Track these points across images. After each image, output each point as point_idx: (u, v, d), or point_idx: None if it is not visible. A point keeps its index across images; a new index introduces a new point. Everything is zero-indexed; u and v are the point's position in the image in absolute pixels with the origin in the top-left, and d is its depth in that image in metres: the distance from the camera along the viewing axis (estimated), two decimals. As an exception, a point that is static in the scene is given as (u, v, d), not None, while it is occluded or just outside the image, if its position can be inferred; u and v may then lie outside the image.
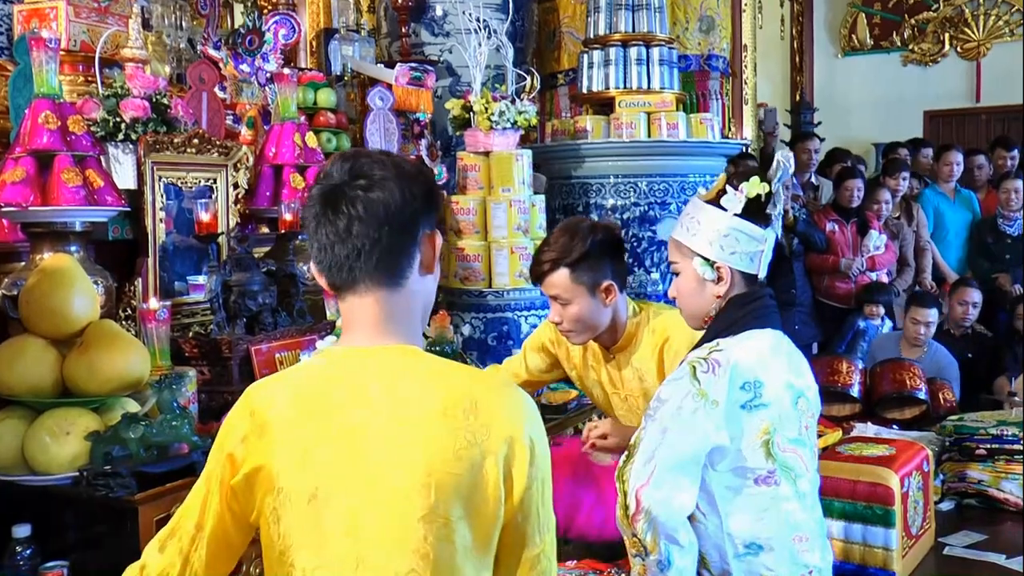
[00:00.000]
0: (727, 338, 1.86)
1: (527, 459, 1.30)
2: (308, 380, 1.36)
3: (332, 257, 1.33)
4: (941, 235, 5.88)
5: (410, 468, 1.26)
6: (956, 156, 6.01)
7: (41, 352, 2.38)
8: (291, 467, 1.29)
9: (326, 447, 1.29)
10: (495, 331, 3.84)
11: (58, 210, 2.65)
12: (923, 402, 3.91)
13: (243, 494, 1.34)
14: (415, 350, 1.36)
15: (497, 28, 4.13)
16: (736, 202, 1.90)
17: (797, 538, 1.86)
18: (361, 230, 1.30)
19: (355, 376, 1.32)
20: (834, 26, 9.51)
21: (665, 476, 1.78)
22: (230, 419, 1.38)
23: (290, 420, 1.31)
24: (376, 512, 1.27)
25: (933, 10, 9.05)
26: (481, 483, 1.28)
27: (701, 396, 1.80)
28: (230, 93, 3.81)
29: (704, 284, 1.94)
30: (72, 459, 2.28)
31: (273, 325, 3.03)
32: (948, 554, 2.69)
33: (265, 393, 1.36)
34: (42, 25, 3.05)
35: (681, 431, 1.80)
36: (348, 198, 1.31)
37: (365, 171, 1.32)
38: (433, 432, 1.27)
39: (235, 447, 1.34)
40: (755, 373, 1.83)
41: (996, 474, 3.02)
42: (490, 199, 3.88)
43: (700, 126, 4.54)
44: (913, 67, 9.18)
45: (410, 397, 1.30)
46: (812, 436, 1.94)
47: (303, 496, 1.28)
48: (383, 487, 1.27)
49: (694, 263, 1.94)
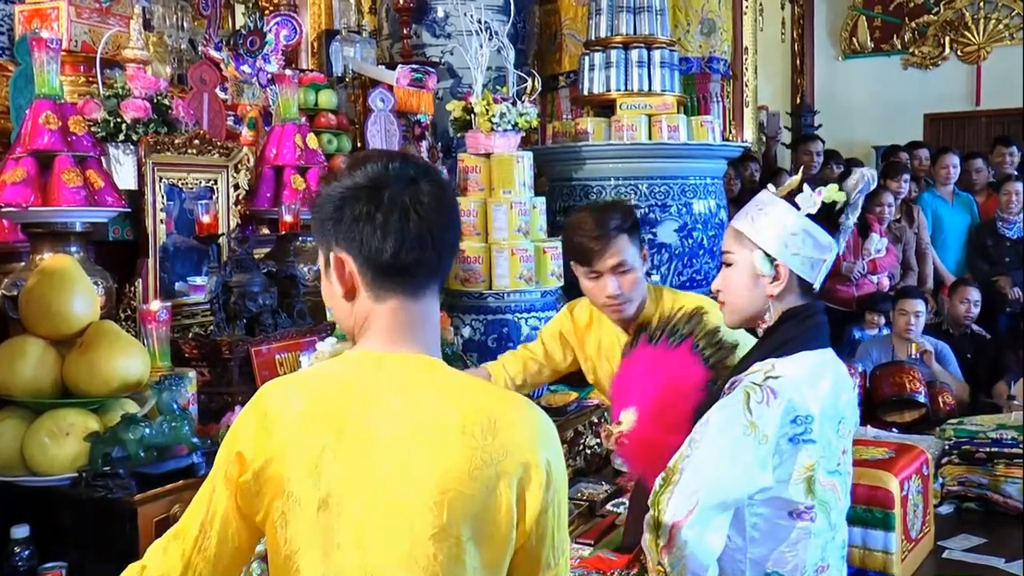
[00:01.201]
0: (782, 360, 1.77)
1: (542, 483, 1.27)
2: (325, 384, 1.32)
3: (405, 256, 1.28)
4: (940, 238, 5.88)
5: (423, 484, 1.23)
6: (953, 159, 6.02)
7: (41, 353, 2.37)
8: (303, 472, 1.26)
9: (339, 454, 1.25)
10: (495, 333, 3.83)
11: (58, 210, 2.65)
12: (923, 405, 3.91)
13: (252, 494, 1.30)
14: (436, 361, 1.33)
15: (498, 30, 4.13)
16: (811, 203, 1.81)
17: (820, 568, 1.81)
18: (435, 236, 1.29)
19: (373, 384, 1.29)
20: (835, 29, 9.52)
21: (704, 515, 1.70)
22: (242, 417, 1.34)
23: (304, 423, 1.28)
24: (386, 526, 1.24)
25: (933, 13, 9.05)
26: (494, 505, 1.25)
27: (752, 429, 1.71)
28: (231, 94, 3.81)
29: (758, 280, 1.84)
30: (71, 460, 2.27)
31: (273, 326, 3.03)
32: (947, 557, 2.70)
33: (280, 393, 1.32)
34: (43, 25, 3.05)
35: (726, 468, 1.71)
36: (420, 204, 1.27)
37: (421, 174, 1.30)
38: (449, 449, 1.24)
39: (246, 445, 1.30)
40: (807, 406, 1.74)
41: (995, 478, 3.02)
42: (491, 201, 3.88)
43: (701, 128, 4.54)
44: (913, 70, 9.19)
45: (428, 410, 1.26)
46: (848, 460, 1.88)
47: (313, 502, 1.25)
48: (394, 501, 1.24)
49: (753, 256, 1.83)
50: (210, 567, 1.34)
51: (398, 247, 1.27)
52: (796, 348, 1.79)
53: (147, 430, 2.29)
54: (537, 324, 3.88)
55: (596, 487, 3.06)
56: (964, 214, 5.96)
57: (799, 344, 1.80)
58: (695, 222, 4.43)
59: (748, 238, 1.84)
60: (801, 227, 1.80)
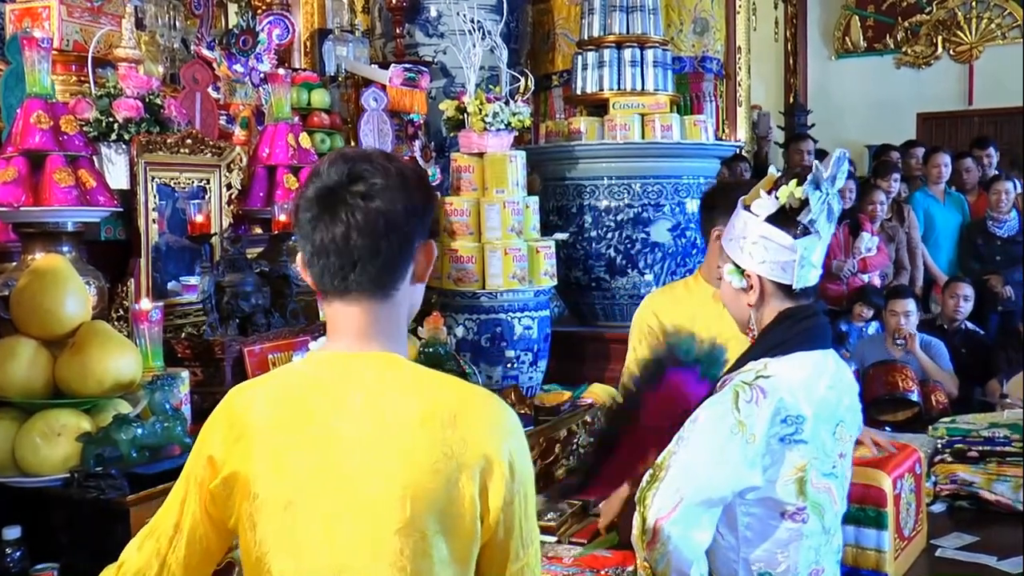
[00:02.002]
0: (776, 359, 1.78)
1: (504, 474, 1.28)
2: (289, 385, 1.35)
3: (326, 264, 1.31)
4: (932, 237, 5.90)
5: (387, 480, 1.25)
6: (944, 158, 6.04)
7: (32, 353, 2.36)
8: (267, 473, 1.28)
9: (303, 454, 1.27)
10: (488, 332, 3.83)
11: (50, 210, 2.64)
12: (916, 404, 3.92)
13: (222, 499, 1.33)
14: (398, 358, 1.35)
15: (491, 29, 4.13)
16: (765, 207, 1.80)
17: (813, 572, 1.81)
18: (360, 241, 1.28)
19: (336, 383, 1.31)
20: (828, 28, 9.55)
21: (689, 511, 1.70)
22: (211, 421, 1.37)
23: (269, 425, 1.30)
24: (352, 522, 1.26)
25: (926, 13, 9.09)
26: (457, 498, 1.26)
27: (740, 428, 1.71)
28: (224, 93, 3.80)
29: (737, 292, 1.87)
30: (63, 460, 2.26)
31: (266, 326, 3.02)
32: (940, 556, 2.70)
33: (246, 396, 1.36)
34: (34, 24, 3.04)
35: (712, 465, 1.72)
36: (348, 206, 1.28)
37: (366, 177, 1.29)
38: (411, 444, 1.26)
39: (215, 449, 1.33)
40: (799, 407, 1.74)
41: (988, 476, 3.03)
42: (484, 200, 3.88)
43: (694, 128, 4.54)
44: (906, 69, 9.22)
45: (390, 407, 1.28)
46: (846, 463, 1.87)
47: (279, 503, 1.27)
48: (359, 497, 1.26)
49: (725, 269, 1.87)
50: (181, 568, 1.37)
51: (322, 255, 1.30)
52: (792, 348, 1.79)
53: (139, 430, 2.29)
54: (530, 324, 3.88)
55: (590, 486, 3.06)
56: (956, 213, 5.98)
57: (795, 344, 1.80)
58: (688, 221, 4.43)
59: (725, 251, 1.89)
60: (760, 234, 1.81)
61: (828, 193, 1.80)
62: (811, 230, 1.79)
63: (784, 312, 1.83)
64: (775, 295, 1.84)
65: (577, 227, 4.46)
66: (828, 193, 1.80)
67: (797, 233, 1.79)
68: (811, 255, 1.83)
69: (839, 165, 1.80)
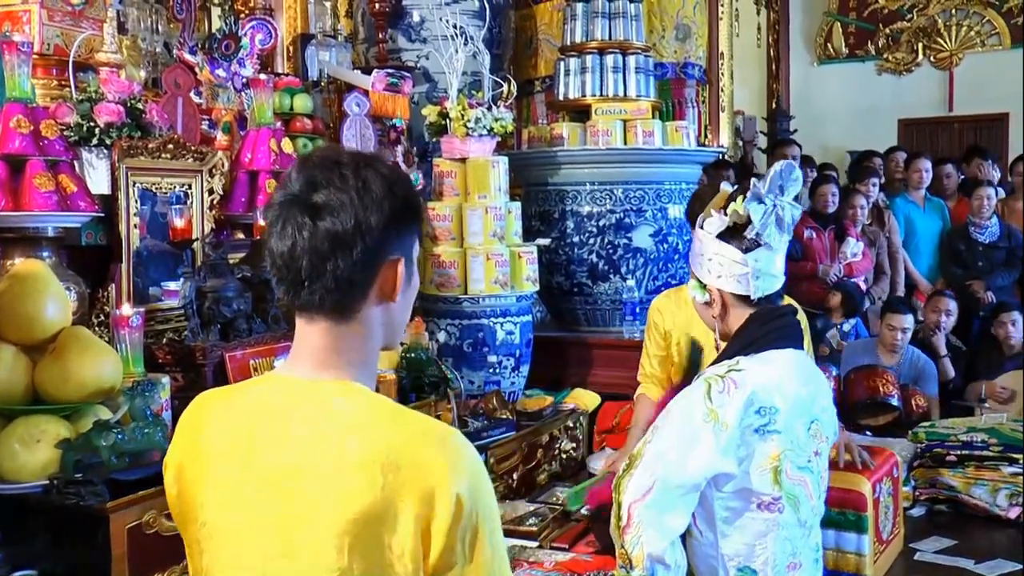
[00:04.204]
0: (748, 357, 1.83)
1: (449, 517, 1.16)
2: (242, 410, 1.28)
3: (279, 275, 1.25)
4: (912, 242, 5.93)
5: (324, 523, 1.18)
6: (925, 163, 6.08)
7: (12, 359, 2.34)
8: (214, 502, 1.25)
9: (247, 488, 1.22)
10: (470, 337, 3.84)
11: (30, 215, 2.64)
12: (896, 408, 3.95)
13: (177, 512, 1.31)
14: (353, 388, 1.25)
15: (474, 35, 4.14)
16: (714, 225, 1.89)
17: (791, 565, 1.84)
18: (304, 261, 1.21)
19: (284, 412, 1.24)
20: (810, 34, 9.61)
21: (662, 496, 1.75)
22: (178, 427, 1.34)
23: (218, 452, 1.26)
24: (289, 564, 1.20)
25: (907, 20, 9.16)
26: (395, 544, 1.17)
27: (711, 417, 1.76)
28: (206, 98, 3.79)
29: (703, 305, 1.96)
30: (43, 467, 2.25)
31: (248, 332, 3.02)
32: (919, 559, 2.72)
33: (204, 414, 1.31)
34: (14, 28, 3.02)
35: (684, 452, 1.76)
36: (296, 222, 1.20)
37: (320, 188, 1.21)
38: (348, 486, 1.17)
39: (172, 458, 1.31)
40: (772, 398, 1.79)
41: (966, 480, 3.06)
42: (466, 206, 3.89)
43: (676, 134, 4.56)
44: (887, 76, 9.29)
45: (332, 444, 1.20)
46: (822, 462, 1.91)
47: (225, 534, 1.24)
48: (297, 539, 1.19)
49: (690, 284, 1.96)
50: None
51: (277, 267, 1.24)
52: (763, 347, 1.85)
53: (120, 436, 2.28)
54: (512, 329, 3.88)
55: (571, 491, 3.07)
56: (936, 219, 6.02)
57: (766, 343, 1.86)
58: (670, 227, 4.45)
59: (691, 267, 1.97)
60: (714, 251, 1.90)
61: (776, 204, 1.85)
62: (760, 243, 1.86)
63: (754, 314, 1.90)
64: (737, 305, 1.92)
65: (559, 232, 4.47)
66: (776, 204, 1.85)
67: (745, 247, 1.87)
68: (766, 266, 1.90)
69: (785, 176, 1.86)
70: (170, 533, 2.23)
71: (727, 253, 1.88)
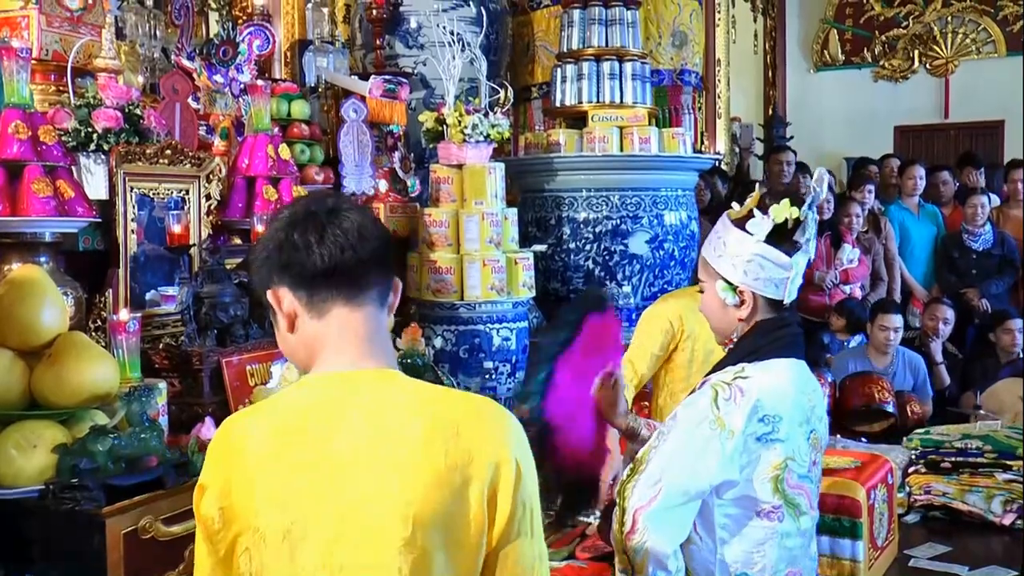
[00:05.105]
0: (753, 364, 1.83)
1: (512, 482, 1.26)
2: (286, 412, 1.32)
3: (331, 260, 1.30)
4: (907, 249, 5.96)
5: (388, 498, 1.24)
6: (919, 171, 6.12)
7: (9, 364, 2.35)
8: (268, 505, 1.26)
9: (302, 481, 1.26)
10: (467, 343, 3.85)
11: (28, 220, 2.64)
12: (891, 415, 3.96)
13: (215, 531, 1.31)
14: (396, 374, 1.34)
15: (471, 41, 4.16)
16: (762, 227, 1.85)
17: (790, 573, 1.85)
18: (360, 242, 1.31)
19: (334, 403, 1.29)
20: (807, 42, 9.65)
21: (667, 503, 1.75)
22: (208, 454, 1.35)
23: (267, 456, 1.28)
24: (353, 545, 1.24)
25: (903, 27, 9.20)
26: (463, 511, 1.25)
27: (718, 424, 1.77)
28: (203, 104, 3.80)
29: (727, 306, 1.91)
30: (39, 472, 2.25)
31: (244, 337, 3.03)
32: (913, 566, 2.74)
33: (242, 426, 1.33)
34: (13, 34, 3.04)
35: (691, 459, 1.77)
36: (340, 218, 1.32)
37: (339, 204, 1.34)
38: (413, 460, 1.24)
39: (209, 481, 1.31)
40: (776, 407, 1.80)
41: (961, 487, 3.07)
42: (463, 212, 3.90)
43: (672, 140, 4.58)
44: (884, 83, 9.33)
45: (391, 424, 1.27)
46: (818, 471, 1.92)
47: (277, 533, 1.26)
48: (360, 518, 1.24)
49: (717, 285, 1.90)
50: None
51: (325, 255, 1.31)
52: (767, 355, 1.85)
53: (116, 441, 2.28)
54: (508, 335, 3.89)
55: (567, 497, 3.07)
56: (930, 226, 6.05)
57: (769, 352, 1.85)
58: (666, 233, 4.47)
59: (712, 267, 1.92)
60: (756, 253, 1.86)
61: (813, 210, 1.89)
62: (803, 248, 1.87)
63: (759, 323, 1.89)
64: (764, 309, 1.90)
65: (556, 239, 4.49)
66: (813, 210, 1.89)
67: (791, 251, 1.86)
68: (800, 271, 1.91)
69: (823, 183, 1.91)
70: (166, 538, 2.25)
71: (771, 256, 1.86)
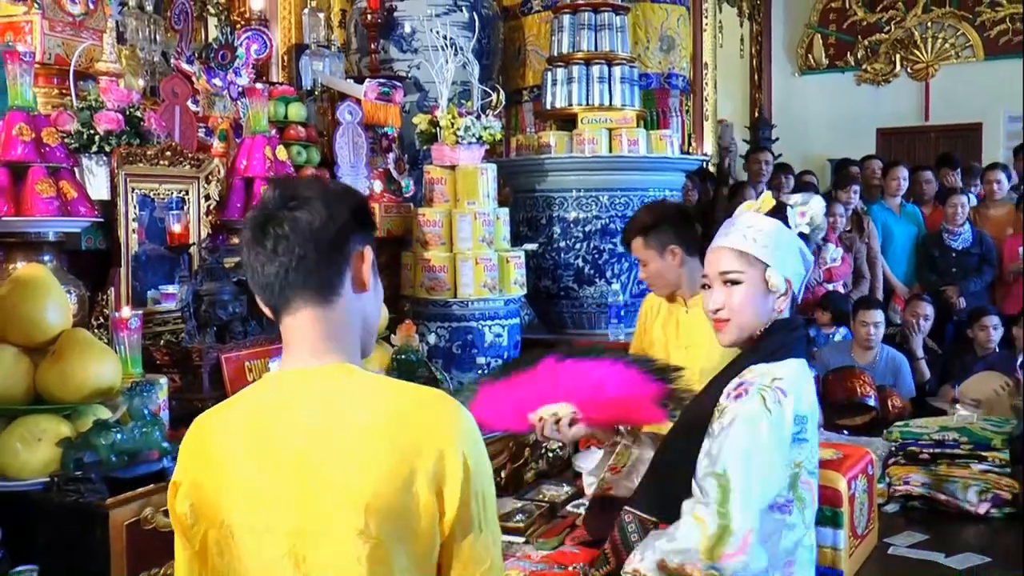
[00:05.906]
0: (776, 364, 1.83)
1: (460, 473, 1.27)
2: (251, 409, 1.36)
3: (263, 278, 1.34)
4: (889, 248, 6.02)
5: (343, 490, 1.26)
6: (903, 172, 6.19)
7: (14, 360, 2.39)
8: (236, 502, 1.30)
9: (266, 475, 1.29)
10: (460, 340, 3.91)
11: (32, 220, 2.69)
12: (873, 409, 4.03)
13: (187, 526, 1.35)
14: (350, 368, 1.35)
15: (464, 45, 4.22)
16: (802, 223, 1.90)
17: (788, 562, 1.87)
18: (286, 247, 1.31)
19: (292, 402, 1.32)
20: (791, 46, 9.75)
21: (763, 517, 1.75)
22: (180, 450, 1.39)
23: (232, 452, 1.32)
24: (314, 536, 1.27)
25: (885, 32, 9.31)
26: (413, 501, 1.26)
27: (775, 429, 1.77)
28: (203, 106, 3.84)
29: (768, 297, 1.88)
30: (44, 465, 2.29)
31: (243, 334, 3.08)
32: (892, 553, 2.80)
33: (210, 424, 1.37)
34: (17, 38, 3.08)
35: (770, 469, 1.77)
36: (276, 220, 1.31)
37: (292, 193, 1.34)
38: (365, 452, 1.26)
39: (181, 477, 1.36)
40: (803, 407, 1.81)
41: (938, 477, 3.13)
42: (456, 211, 3.96)
43: (660, 142, 4.65)
44: (866, 86, 9.44)
45: (342, 419, 1.29)
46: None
47: (243, 527, 1.30)
48: (318, 510, 1.27)
49: (767, 274, 1.86)
50: None
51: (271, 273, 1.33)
52: (786, 355, 1.85)
53: (119, 435, 2.32)
54: (500, 331, 3.96)
55: (557, 489, 3.12)
56: (911, 225, 6.12)
57: (788, 352, 1.86)
58: (655, 233, 4.53)
59: (756, 257, 1.87)
60: (797, 246, 1.90)
61: None
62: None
63: (778, 322, 1.91)
64: (788, 304, 1.92)
65: (546, 238, 4.56)
66: None
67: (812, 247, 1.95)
68: None
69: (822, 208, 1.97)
70: (167, 529, 2.27)
71: (805, 250, 1.92)
